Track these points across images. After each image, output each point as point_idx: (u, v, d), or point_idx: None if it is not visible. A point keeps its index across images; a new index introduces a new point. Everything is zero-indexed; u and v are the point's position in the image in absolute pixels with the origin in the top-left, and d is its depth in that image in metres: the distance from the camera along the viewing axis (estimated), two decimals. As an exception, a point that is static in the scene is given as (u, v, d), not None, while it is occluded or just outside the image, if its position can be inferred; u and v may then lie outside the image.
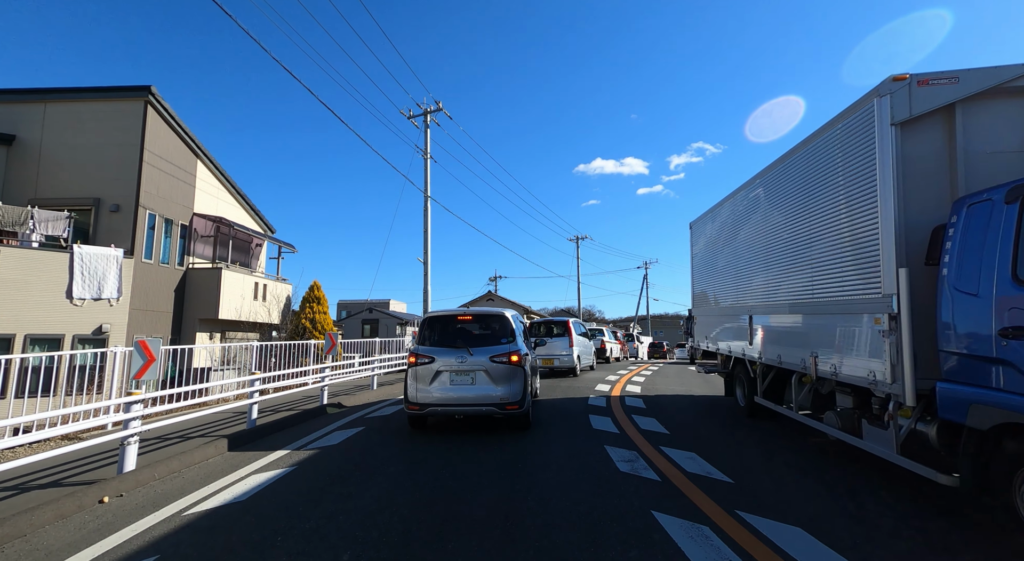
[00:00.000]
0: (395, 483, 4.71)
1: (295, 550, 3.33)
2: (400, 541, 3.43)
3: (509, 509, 3.97)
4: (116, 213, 15.46)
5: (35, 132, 15.94)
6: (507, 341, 7.04)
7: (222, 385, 8.50)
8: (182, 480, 5.05)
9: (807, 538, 3.41)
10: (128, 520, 3.97)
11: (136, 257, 15.27)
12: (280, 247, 22.84)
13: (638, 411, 8.49)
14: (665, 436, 6.57)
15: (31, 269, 12.49)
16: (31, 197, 15.32)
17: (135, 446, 5.15)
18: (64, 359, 6.56)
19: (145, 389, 5.62)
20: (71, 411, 4.90)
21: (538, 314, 48.13)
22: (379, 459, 5.59)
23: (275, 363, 9.91)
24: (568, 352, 14.77)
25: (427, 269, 18.55)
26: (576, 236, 41.94)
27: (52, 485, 4.64)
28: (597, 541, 3.36)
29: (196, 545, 3.46)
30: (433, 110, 19.62)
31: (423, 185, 19.00)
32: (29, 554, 3.45)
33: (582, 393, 10.76)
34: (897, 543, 3.35)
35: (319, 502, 4.23)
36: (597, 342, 20.05)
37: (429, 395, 6.74)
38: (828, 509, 3.96)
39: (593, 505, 4.02)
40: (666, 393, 10.96)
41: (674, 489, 4.41)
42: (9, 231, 13.00)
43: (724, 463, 5.25)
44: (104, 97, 16.18)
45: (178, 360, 8.37)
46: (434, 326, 7.32)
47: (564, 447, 5.98)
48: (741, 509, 3.92)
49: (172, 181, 17.12)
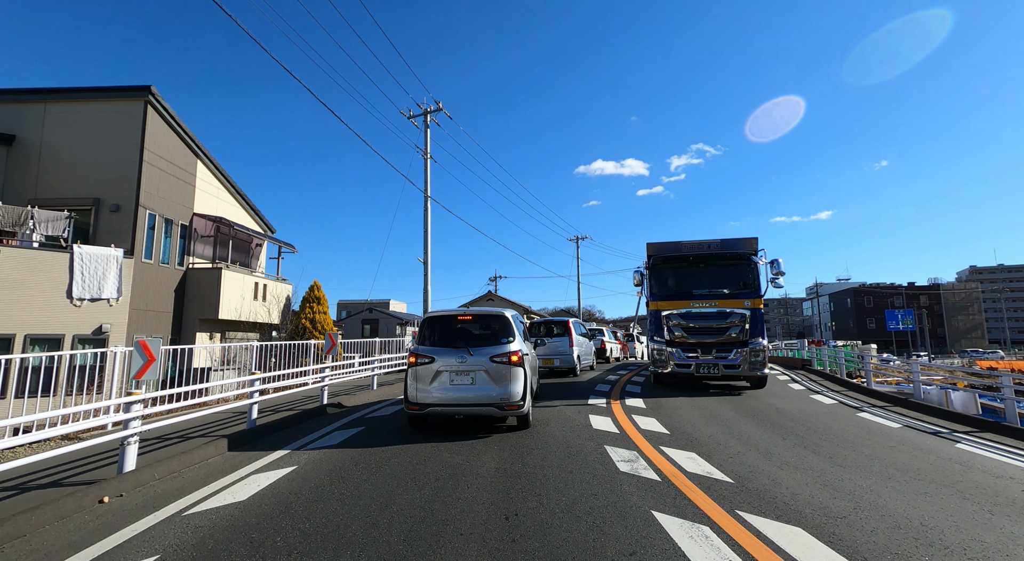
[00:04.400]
0: (395, 483, 4.71)
1: (295, 550, 3.33)
2: (400, 541, 3.43)
3: (509, 509, 3.97)
4: (116, 213, 15.46)
5: (35, 132, 15.95)
6: (507, 341, 7.04)
7: (222, 385, 8.50)
8: (182, 480, 5.05)
9: (807, 538, 3.42)
10: (128, 520, 3.97)
11: (136, 257, 15.28)
12: (280, 247, 22.84)
13: (638, 411, 8.49)
14: (665, 436, 6.58)
15: (31, 269, 12.49)
16: (31, 197, 15.33)
17: (135, 446, 5.15)
18: (64, 359, 6.57)
19: (145, 389, 5.62)
20: (71, 411, 4.89)
21: (538, 314, 48.13)
22: (379, 459, 5.59)
23: (275, 363, 9.91)
24: (568, 352, 14.76)
25: (427, 269, 18.56)
26: (576, 236, 42.00)
27: (52, 485, 4.64)
28: (597, 541, 3.37)
29: (196, 545, 3.46)
30: (433, 110, 19.63)
31: (423, 185, 19.02)
32: (29, 554, 3.46)
33: (582, 393, 10.76)
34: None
35: (319, 502, 4.23)
36: (597, 342, 20.04)
37: (429, 395, 6.75)
38: (828, 509, 3.96)
39: (593, 505, 4.02)
40: (666, 393, 10.95)
41: (674, 489, 4.41)
42: (9, 231, 13.01)
43: (724, 463, 5.25)
44: (104, 97, 16.20)
45: (178, 360, 8.37)
46: (434, 326, 7.32)
47: (564, 447, 5.98)
48: (741, 509, 3.92)
49: (172, 181, 17.13)
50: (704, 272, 11.56)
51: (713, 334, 10.78)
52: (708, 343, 10.76)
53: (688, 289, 11.41)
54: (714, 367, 10.57)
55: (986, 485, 4.70)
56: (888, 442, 6.40)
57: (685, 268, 11.71)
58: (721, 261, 11.47)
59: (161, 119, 16.60)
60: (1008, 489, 4.59)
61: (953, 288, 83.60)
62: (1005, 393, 8.15)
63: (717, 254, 11.42)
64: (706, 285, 11.38)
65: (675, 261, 11.73)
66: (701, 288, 11.34)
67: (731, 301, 10.85)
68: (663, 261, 11.75)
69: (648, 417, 7.92)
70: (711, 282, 11.41)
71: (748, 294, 10.95)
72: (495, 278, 47.98)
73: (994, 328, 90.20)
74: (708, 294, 11.18)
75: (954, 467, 5.32)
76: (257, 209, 22.59)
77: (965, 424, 7.95)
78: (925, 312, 71.25)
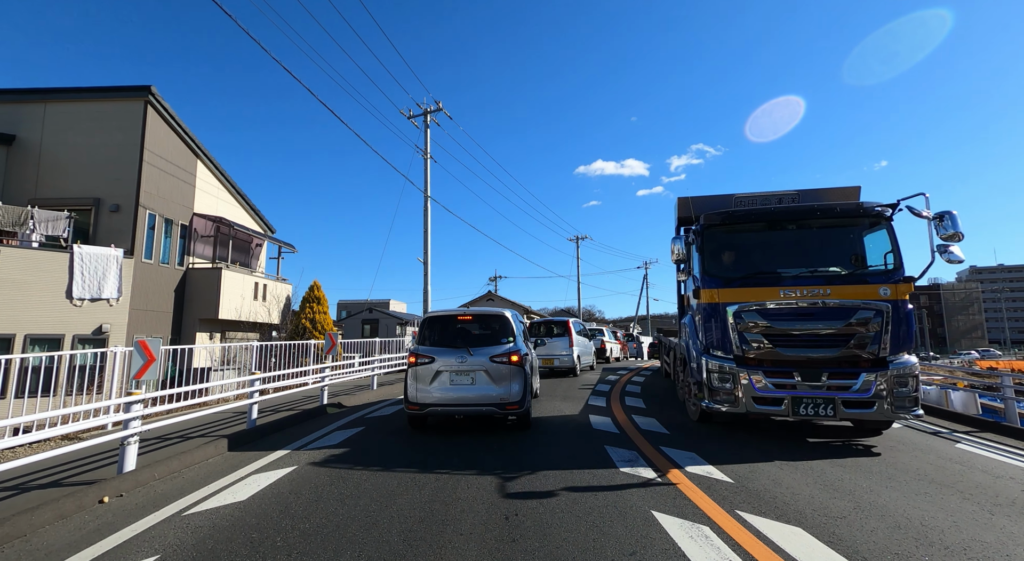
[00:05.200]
0: (395, 483, 4.71)
1: (295, 550, 3.33)
2: (400, 541, 3.43)
3: (509, 509, 3.97)
4: (116, 213, 15.46)
5: (35, 132, 15.94)
6: (507, 341, 7.04)
7: (222, 385, 8.50)
8: (182, 480, 5.05)
9: (807, 538, 3.42)
10: (128, 520, 3.97)
11: (136, 257, 15.27)
12: (280, 247, 22.84)
13: (638, 411, 8.49)
14: (665, 436, 6.57)
15: (31, 269, 12.49)
16: (31, 197, 15.32)
17: (135, 446, 5.15)
18: (64, 359, 6.57)
19: (145, 389, 5.62)
20: (71, 411, 4.89)
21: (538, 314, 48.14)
22: (379, 459, 5.59)
23: (275, 363, 9.91)
24: (568, 352, 14.77)
25: (427, 269, 18.55)
26: (576, 236, 42.02)
27: (52, 485, 4.64)
28: (597, 541, 3.36)
29: (196, 545, 3.46)
30: (433, 110, 19.63)
31: (423, 185, 19.02)
32: (29, 554, 3.46)
33: (582, 393, 10.76)
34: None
35: (319, 502, 4.23)
36: (597, 342, 20.05)
37: (429, 395, 6.75)
38: (828, 509, 3.96)
39: (593, 505, 4.02)
40: (666, 393, 10.95)
41: (674, 489, 4.41)
42: (9, 231, 13.01)
43: (724, 463, 5.25)
44: (104, 97, 16.19)
45: (178, 360, 8.37)
46: (434, 326, 7.32)
47: (564, 447, 5.98)
48: (741, 509, 3.92)
49: (172, 181, 17.12)
50: (799, 240, 6.92)
51: (824, 346, 6.14)
52: (815, 361, 6.15)
53: (773, 268, 6.70)
54: (827, 405, 5.96)
55: (986, 485, 4.70)
56: (888, 442, 6.39)
57: (765, 234, 7.00)
58: (831, 220, 6.76)
59: (161, 119, 16.59)
60: (1008, 489, 4.59)
61: (953, 288, 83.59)
62: (1005, 393, 8.15)
63: (825, 208, 6.76)
64: (802, 261, 6.72)
65: (747, 223, 7.03)
66: (795, 266, 6.66)
67: (854, 288, 6.19)
68: (724, 224, 7.03)
69: (648, 417, 7.90)
70: (810, 257, 6.77)
71: (881, 276, 6.26)
72: (495, 278, 48.04)
73: (994, 328, 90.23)
74: (812, 276, 6.46)
75: (954, 467, 5.32)
76: (257, 209, 22.59)
77: (965, 424, 7.95)
78: (925, 312, 71.24)
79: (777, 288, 6.37)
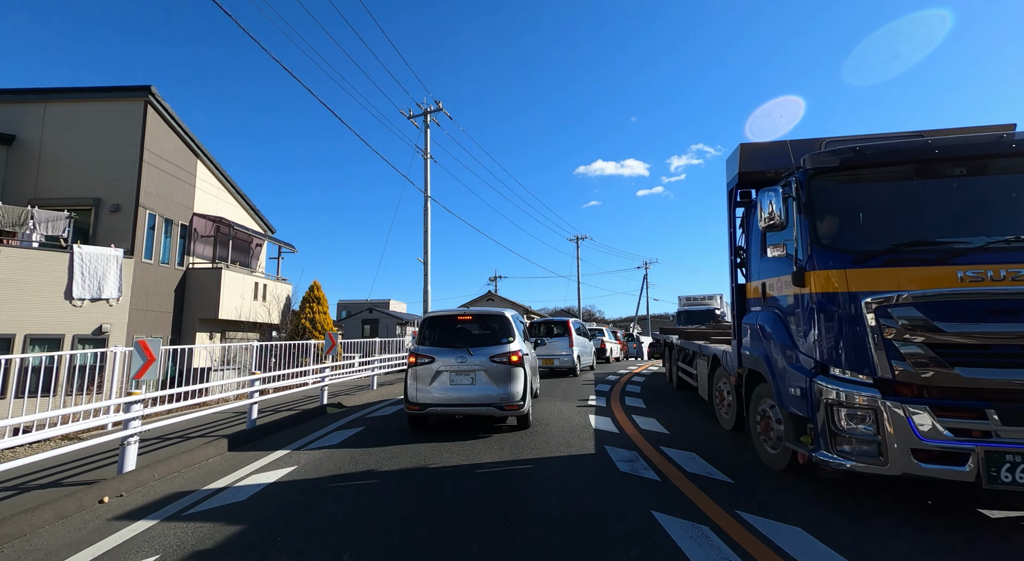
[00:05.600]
0: (395, 483, 4.71)
1: (295, 550, 3.33)
2: (400, 541, 3.43)
3: (509, 509, 3.97)
4: (116, 213, 15.47)
5: (35, 132, 15.95)
6: (507, 341, 7.04)
7: (222, 385, 8.50)
8: (182, 480, 5.05)
9: (807, 538, 3.41)
10: (128, 520, 3.97)
11: (136, 257, 15.28)
12: (280, 247, 22.85)
13: (638, 411, 8.49)
14: (665, 436, 6.57)
15: (31, 269, 12.49)
16: (31, 197, 15.33)
17: (135, 446, 5.15)
18: (64, 359, 6.56)
19: (145, 389, 5.62)
20: (71, 411, 4.90)
21: (538, 314, 48.14)
22: (379, 459, 5.59)
23: (275, 363, 9.91)
24: (568, 352, 14.78)
25: (427, 269, 18.56)
26: (576, 236, 42.08)
27: (52, 485, 4.64)
28: (597, 541, 3.36)
29: (196, 545, 3.46)
30: (433, 110, 19.63)
31: (423, 185, 19.02)
32: (29, 554, 3.46)
33: (582, 393, 10.76)
34: (896, 542, 3.35)
35: (319, 502, 4.23)
36: (597, 342, 20.06)
37: (429, 395, 6.75)
38: (828, 508, 3.96)
39: (593, 505, 4.02)
40: (666, 393, 10.96)
41: (674, 489, 4.41)
42: (9, 231, 13.01)
43: (724, 463, 5.25)
44: (104, 97, 16.20)
45: (178, 360, 8.36)
46: (434, 326, 7.32)
47: (564, 447, 5.98)
48: (741, 509, 3.92)
49: (172, 181, 17.13)
50: (968, 194, 4.25)
51: None
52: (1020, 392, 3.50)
53: (934, 237, 4.05)
54: None
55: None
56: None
57: (914, 185, 4.29)
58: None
59: (161, 119, 16.60)
60: (1008, 489, 4.56)
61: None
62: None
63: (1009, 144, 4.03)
64: (975, 227, 4.11)
65: (889, 167, 4.33)
66: (963, 232, 4.10)
67: None
68: (848, 167, 4.36)
69: (648, 417, 7.90)
70: (989, 219, 4.17)
71: None
72: (495, 278, 48.08)
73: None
74: (1011, 247, 3.79)
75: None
76: (257, 209, 22.60)
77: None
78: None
79: (952, 267, 3.76)
